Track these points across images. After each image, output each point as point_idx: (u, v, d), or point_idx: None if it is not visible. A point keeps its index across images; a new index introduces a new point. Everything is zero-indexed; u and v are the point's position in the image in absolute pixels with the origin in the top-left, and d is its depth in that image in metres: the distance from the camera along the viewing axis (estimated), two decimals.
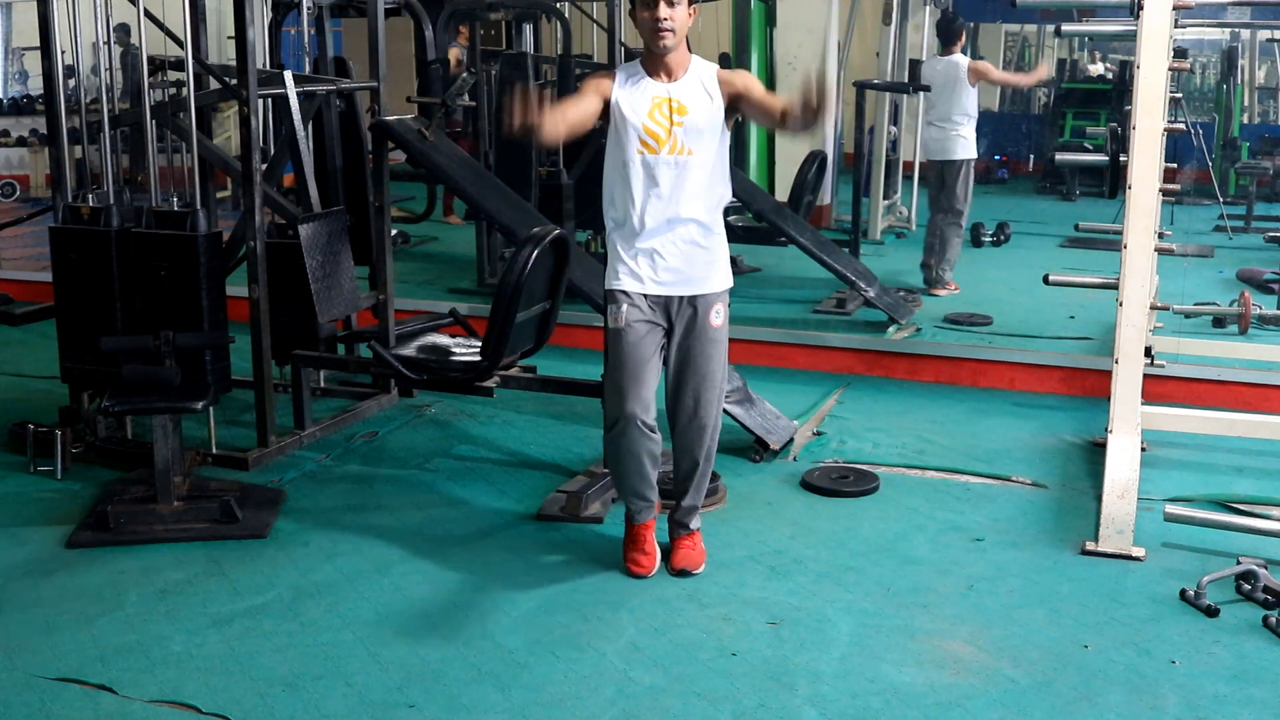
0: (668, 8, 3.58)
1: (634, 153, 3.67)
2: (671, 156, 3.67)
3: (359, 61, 5.66)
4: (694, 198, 3.71)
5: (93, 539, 4.14)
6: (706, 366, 3.83)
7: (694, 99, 3.70)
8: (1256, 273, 8.41)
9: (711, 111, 3.71)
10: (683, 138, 3.67)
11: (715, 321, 3.81)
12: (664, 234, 3.72)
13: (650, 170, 3.67)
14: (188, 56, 4.74)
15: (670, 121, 3.67)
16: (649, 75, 3.72)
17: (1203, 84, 15.73)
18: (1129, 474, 4.19)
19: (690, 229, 3.73)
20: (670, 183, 3.68)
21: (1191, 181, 12.11)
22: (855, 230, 8.47)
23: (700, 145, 3.69)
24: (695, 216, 3.73)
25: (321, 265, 4.90)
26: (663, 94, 3.69)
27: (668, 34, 3.60)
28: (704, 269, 3.78)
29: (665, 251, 3.73)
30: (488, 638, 3.50)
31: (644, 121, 3.66)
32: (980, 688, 3.24)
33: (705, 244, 3.77)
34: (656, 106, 3.67)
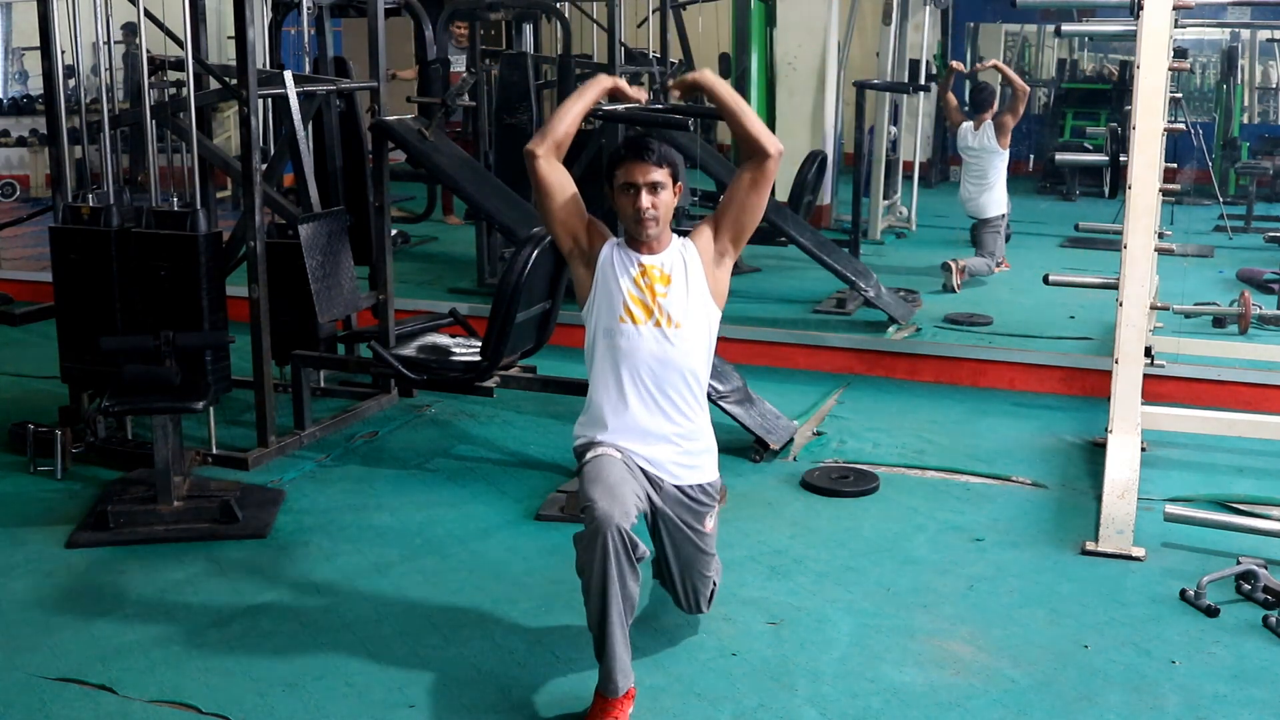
0: (651, 195, 3.27)
1: (618, 323, 3.34)
2: (660, 330, 3.31)
3: (359, 61, 5.67)
4: (681, 374, 3.34)
5: (93, 539, 4.14)
6: (701, 569, 3.46)
7: (677, 268, 3.35)
8: (1256, 273, 8.41)
9: (698, 279, 3.36)
10: (668, 307, 3.32)
11: (707, 526, 3.45)
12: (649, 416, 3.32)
13: (635, 342, 3.32)
14: (188, 56, 4.74)
15: (654, 292, 3.33)
16: (631, 248, 3.37)
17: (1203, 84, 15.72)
18: (1129, 474, 4.19)
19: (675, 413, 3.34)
20: (655, 356, 3.32)
21: (1191, 181, 12.11)
22: (855, 230, 8.47)
23: (687, 318, 3.33)
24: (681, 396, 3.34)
25: (321, 265, 4.90)
26: (647, 263, 3.34)
27: (651, 223, 3.30)
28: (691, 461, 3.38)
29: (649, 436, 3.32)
30: (488, 637, 3.50)
31: (630, 288, 3.33)
32: (980, 688, 3.24)
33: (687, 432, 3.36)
34: (646, 271, 3.33)
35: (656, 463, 3.33)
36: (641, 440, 3.32)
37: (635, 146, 3.30)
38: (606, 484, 3.15)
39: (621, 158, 3.30)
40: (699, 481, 3.40)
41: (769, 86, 10.62)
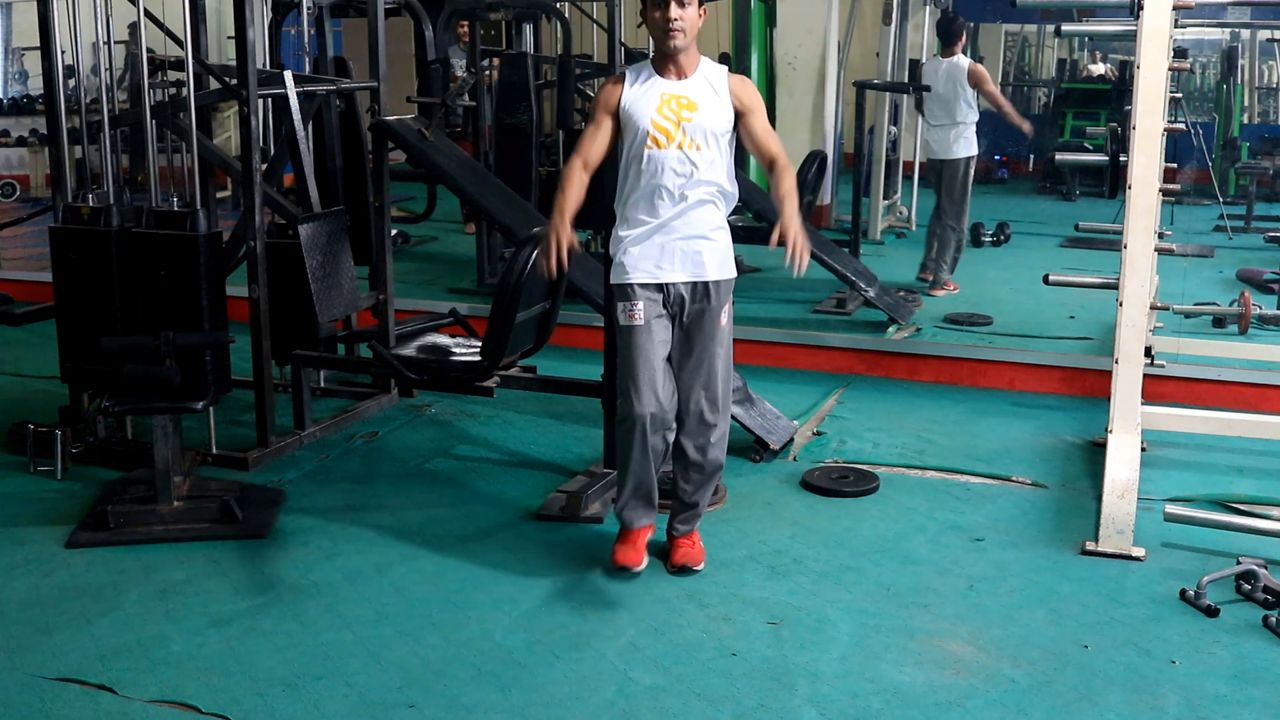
0: (679, 8, 3.64)
1: (643, 149, 3.72)
2: (680, 152, 3.71)
3: (359, 61, 5.67)
4: (702, 192, 3.75)
5: (93, 539, 4.14)
6: (713, 365, 3.86)
7: (703, 97, 3.75)
8: (1256, 273, 8.41)
9: (720, 110, 3.77)
10: (691, 133, 3.71)
11: (722, 321, 3.85)
12: (672, 226, 3.75)
13: (659, 165, 3.71)
14: (188, 56, 4.73)
15: (679, 117, 3.72)
16: (658, 74, 3.78)
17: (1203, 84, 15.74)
18: (1129, 474, 4.19)
19: (698, 223, 3.76)
20: (679, 177, 3.72)
21: (1191, 181, 12.12)
22: (855, 230, 8.47)
23: (708, 142, 3.74)
24: (703, 211, 3.77)
25: (321, 265, 4.90)
26: (672, 91, 3.74)
27: (678, 34, 3.66)
28: (710, 258, 3.80)
29: (673, 244, 3.76)
30: (488, 638, 3.50)
31: (652, 117, 3.71)
32: (980, 688, 3.24)
33: (712, 237, 3.80)
34: (665, 103, 3.73)
35: (674, 267, 3.75)
36: (661, 251, 3.75)
37: None
38: (643, 369, 3.73)
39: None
40: (715, 278, 3.80)
41: (769, 86, 10.62)
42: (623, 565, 3.88)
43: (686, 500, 3.98)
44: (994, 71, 16.10)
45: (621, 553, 3.91)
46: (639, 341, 3.76)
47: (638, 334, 3.77)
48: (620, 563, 3.89)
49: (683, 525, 3.99)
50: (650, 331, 3.77)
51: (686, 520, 3.99)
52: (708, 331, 3.83)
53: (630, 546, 3.93)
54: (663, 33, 3.68)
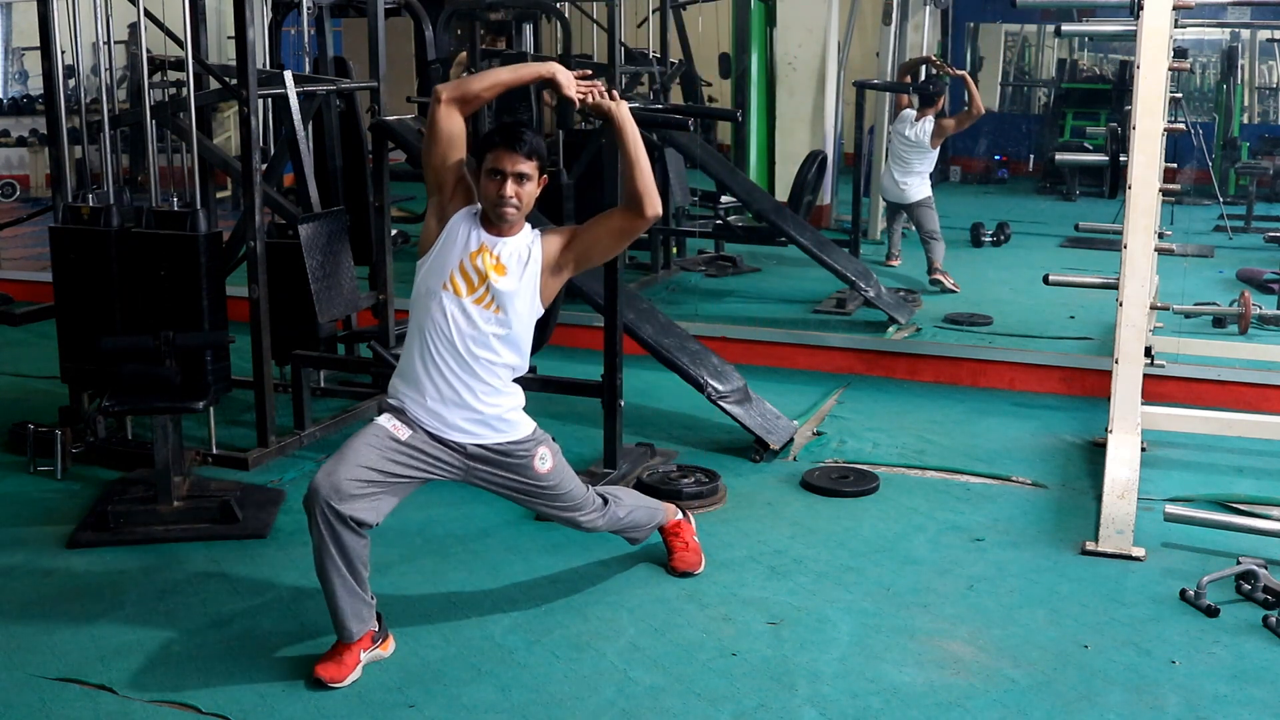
0: (515, 185, 3.31)
1: (441, 288, 3.36)
2: (476, 308, 3.35)
3: (359, 61, 5.66)
4: (490, 352, 3.38)
5: (93, 539, 4.14)
6: (552, 508, 3.62)
7: (515, 260, 3.39)
8: (1256, 273, 8.41)
9: (530, 276, 3.40)
10: (494, 293, 3.36)
11: (541, 468, 3.51)
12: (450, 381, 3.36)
13: (451, 310, 3.34)
14: (188, 56, 4.73)
15: (486, 274, 3.36)
16: (482, 223, 3.41)
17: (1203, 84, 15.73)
18: (1129, 474, 4.19)
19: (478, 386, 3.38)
20: (468, 329, 3.35)
21: (1191, 181, 12.11)
22: (855, 230, 8.47)
23: (508, 307, 3.37)
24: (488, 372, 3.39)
25: (321, 265, 4.90)
26: (489, 245, 3.37)
27: (511, 210, 3.34)
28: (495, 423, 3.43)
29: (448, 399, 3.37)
30: (488, 638, 3.50)
31: (463, 260, 3.36)
32: (980, 688, 3.24)
33: (492, 404, 3.41)
34: (481, 252, 3.37)
35: (453, 426, 3.39)
36: (439, 403, 3.37)
37: (508, 134, 3.33)
38: (342, 456, 3.31)
39: (494, 144, 3.33)
40: (502, 441, 3.44)
41: (769, 86, 10.62)
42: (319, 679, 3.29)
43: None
44: (994, 71, 16.12)
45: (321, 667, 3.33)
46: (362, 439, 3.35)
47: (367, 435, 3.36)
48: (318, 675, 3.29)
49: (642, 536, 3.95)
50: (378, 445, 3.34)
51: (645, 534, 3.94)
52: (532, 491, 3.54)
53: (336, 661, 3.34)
54: (495, 207, 3.33)
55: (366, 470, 3.30)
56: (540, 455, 3.51)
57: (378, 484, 3.32)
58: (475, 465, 3.45)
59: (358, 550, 3.29)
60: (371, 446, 3.33)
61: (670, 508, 4.03)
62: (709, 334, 6.13)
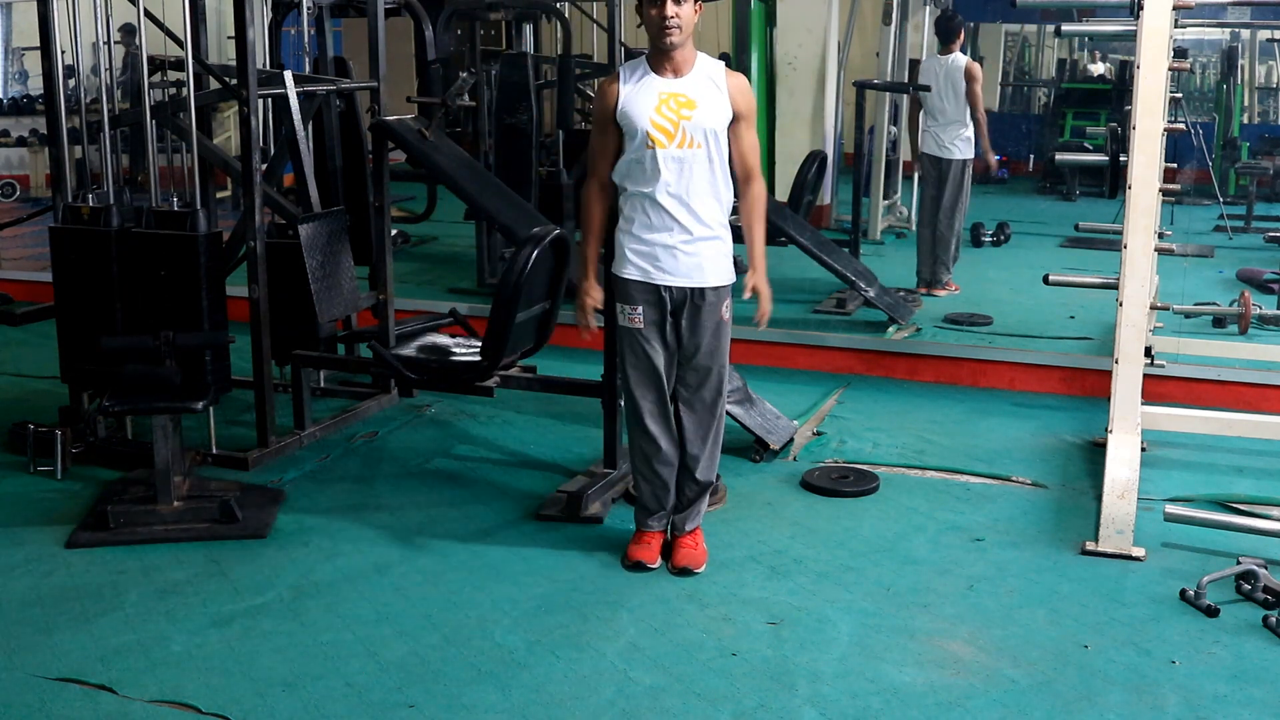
0: (674, 5, 3.62)
1: (643, 148, 3.70)
2: (680, 150, 3.69)
3: (359, 61, 5.66)
4: (702, 191, 3.74)
5: (93, 539, 4.14)
6: (711, 360, 3.89)
7: (702, 94, 3.73)
8: (1256, 273, 8.41)
9: (720, 107, 3.75)
10: (690, 132, 3.69)
11: (725, 315, 3.87)
12: (672, 227, 3.75)
13: (659, 164, 3.69)
14: (188, 56, 4.73)
15: (678, 115, 3.70)
16: (654, 71, 3.76)
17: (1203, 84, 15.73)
18: (1129, 474, 4.19)
19: (698, 223, 3.75)
20: (679, 176, 3.71)
21: (1191, 181, 12.12)
22: (855, 230, 8.47)
23: (708, 141, 3.72)
24: (703, 210, 3.76)
25: (321, 265, 4.90)
26: (669, 89, 3.72)
27: (674, 30, 3.65)
28: (710, 263, 3.80)
29: (673, 244, 3.75)
30: (488, 638, 3.50)
31: (651, 117, 3.69)
32: (980, 688, 3.24)
33: (712, 238, 3.79)
34: (664, 102, 3.70)
35: (674, 270, 3.76)
36: (664, 251, 3.75)
37: None
38: (645, 374, 3.84)
39: None
40: (714, 284, 3.80)
41: (769, 86, 10.62)
42: (635, 562, 3.95)
43: (684, 500, 4.01)
44: (994, 71, 16.11)
45: (632, 550, 3.99)
46: (638, 348, 3.85)
47: (637, 339, 3.84)
48: (631, 558, 3.96)
49: (683, 522, 3.99)
50: (650, 336, 3.83)
51: (687, 517, 3.99)
52: (705, 328, 3.84)
53: (643, 544, 4.00)
54: (659, 30, 3.66)
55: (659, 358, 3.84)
56: (728, 305, 3.88)
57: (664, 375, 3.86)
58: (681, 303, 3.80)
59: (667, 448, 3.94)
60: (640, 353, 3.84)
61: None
62: None
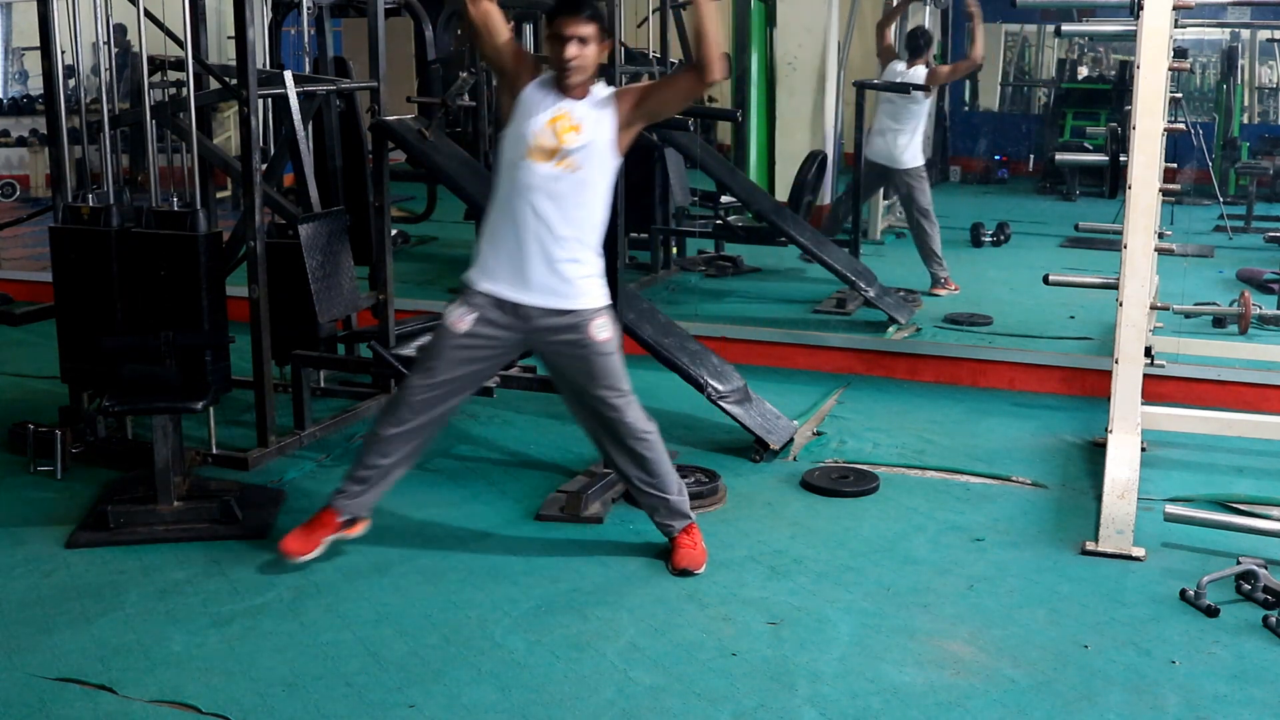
0: (578, 46, 3.64)
1: (522, 158, 3.70)
2: (557, 171, 3.69)
3: (359, 62, 5.66)
4: (574, 213, 3.72)
5: (93, 539, 4.14)
6: (600, 381, 3.85)
7: (589, 120, 3.72)
8: (1256, 273, 8.41)
9: (604, 134, 3.73)
10: (572, 154, 3.69)
11: (599, 335, 3.81)
12: (536, 244, 3.71)
13: (535, 178, 3.69)
14: (188, 56, 4.73)
15: (562, 139, 3.69)
16: (556, 88, 3.75)
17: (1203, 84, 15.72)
18: (1129, 474, 4.19)
19: (563, 245, 3.73)
20: (553, 193, 3.69)
21: (1191, 181, 12.10)
22: (855, 230, 8.46)
23: (586, 163, 3.71)
24: (572, 231, 3.73)
25: (321, 265, 4.90)
26: (563, 109, 3.71)
27: (574, 72, 3.67)
28: (570, 286, 3.77)
29: (531, 261, 3.73)
30: (488, 638, 3.50)
31: (539, 128, 3.69)
32: (980, 688, 3.24)
33: (574, 261, 3.76)
34: (557, 119, 3.70)
35: (530, 287, 3.73)
36: (520, 269, 3.73)
37: (569, 1, 3.65)
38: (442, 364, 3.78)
39: (556, 11, 3.66)
40: (574, 307, 3.77)
41: (769, 86, 10.62)
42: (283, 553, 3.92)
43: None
44: (994, 71, 16.12)
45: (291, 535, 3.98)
46: (451, 347, 3.79)
47: (456, 341, 3.78)
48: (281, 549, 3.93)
49: (666, 522, 4.01)
50: (471, 344, 3.78)
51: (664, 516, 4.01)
52: (584, 349, 3.80)
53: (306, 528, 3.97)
54: (560, 70, 3.68)
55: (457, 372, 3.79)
56: (600, 323, 3.80)
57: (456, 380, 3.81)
58: (537, 330, 3.78)
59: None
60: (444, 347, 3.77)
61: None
62: (709, 334, 6.13)
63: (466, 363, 3.81)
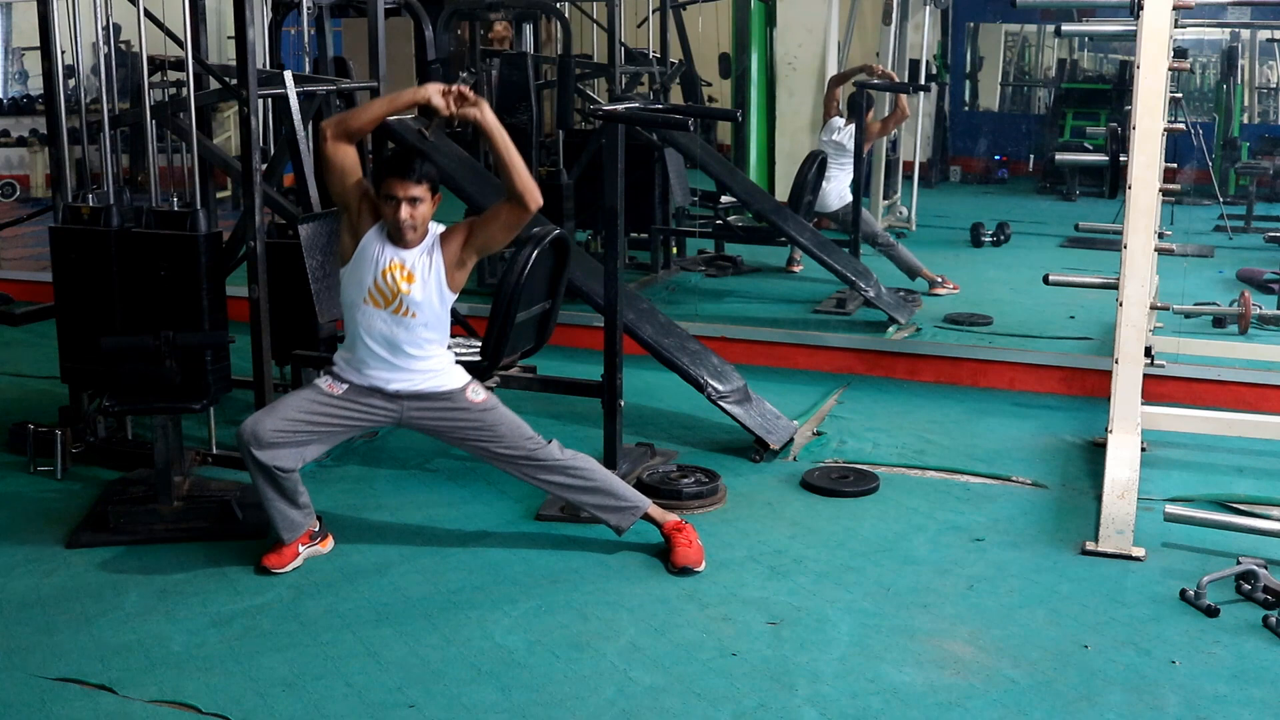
0: (410, 207, 3.74)
1: (362, 301, 3.85)
2: (395, 316, 3.83)
3: (359, 62, 5.66)
4: (413, 343, 3.87)
5: (93, 539, 4.14)
6: (496, 438, 3.96)
7: (421, 268, 3.84)
8: (1256, 273, 8.41)
9: (436, 278, 3.86)
10: (407, 302, 3.83)
11: (474, 398, 3.94)
12: (384, 370, 3.89)
13: (374, 321, 3.85)
14: (188, 56, 4.73)
15: (398, 287, 3.82)
16: (391, 241, 3.85)
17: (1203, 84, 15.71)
18: (1129, 474, 4.19)
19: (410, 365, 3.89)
20: (392, 334, 3.85)
21: (1191, 181, 12.10)
22: (855, 230, 8.46)
23: (422, 310, 3.85)
24: (416, 355, 3.89)
25: (321, 265, 4.90)
26: (398, 259, 3.83)
27: (409, 231, 3.78)
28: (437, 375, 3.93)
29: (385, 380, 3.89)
30: (488, 638, 3.50)
31: (376, 278, 3.82)
32: (980, 688, 3.24)
33: (424, 371, 3.91)
34: (392, 269, 3.82)
35: (388, 382, 3.89)
36: (375, 371, 3.88)
37: (400, 164, 3.76)
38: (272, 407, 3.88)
39: (388, 173, 3.76)
40: (443, 389, 3.92)
41: (769, 86, 10.62)
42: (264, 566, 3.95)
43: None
44: (994, 71, 16.12)
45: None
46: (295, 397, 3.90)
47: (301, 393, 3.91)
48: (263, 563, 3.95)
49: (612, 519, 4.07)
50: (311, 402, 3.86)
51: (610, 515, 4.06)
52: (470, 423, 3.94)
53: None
54: (395, 229, 3.78)
55: (291, 422, 3.81)
56: (472, 388, 3.94)
57: (303, 433, 3.84)
58: (410, 405, 3.91)
59: (287, 482, 3.84)
60: (304, 398, 3.87)
61: (665, 513, 4.12)
62: (709, 334, 6.13)
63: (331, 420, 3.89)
